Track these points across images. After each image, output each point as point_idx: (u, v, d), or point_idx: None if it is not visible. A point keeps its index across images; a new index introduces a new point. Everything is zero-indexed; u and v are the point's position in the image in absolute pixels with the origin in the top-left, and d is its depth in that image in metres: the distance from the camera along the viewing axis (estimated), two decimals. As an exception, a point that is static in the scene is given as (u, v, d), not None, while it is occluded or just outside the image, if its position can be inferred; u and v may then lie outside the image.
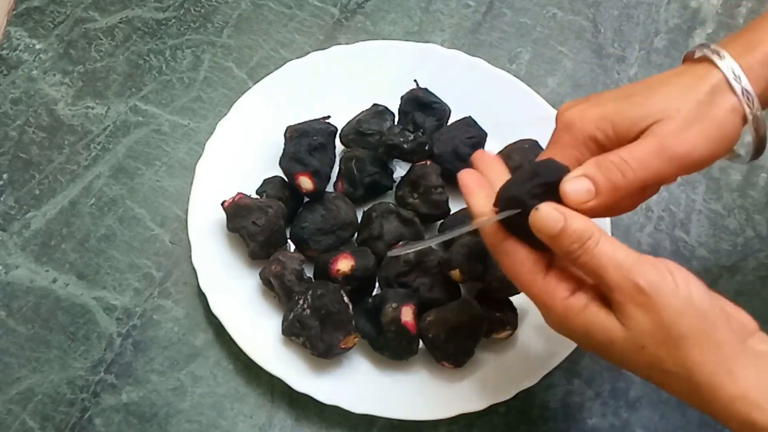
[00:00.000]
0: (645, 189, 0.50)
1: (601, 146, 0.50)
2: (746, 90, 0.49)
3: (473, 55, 0.73)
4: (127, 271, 0.65)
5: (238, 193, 0.63)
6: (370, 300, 0.61)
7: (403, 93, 0.68)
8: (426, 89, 0.68)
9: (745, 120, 0.50)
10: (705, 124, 0.48)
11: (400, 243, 0.61)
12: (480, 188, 0.51)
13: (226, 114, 0.69)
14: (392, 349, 0.59)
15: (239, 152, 0.67)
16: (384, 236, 0.62)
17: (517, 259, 0.47)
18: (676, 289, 0.43)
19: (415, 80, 0.69)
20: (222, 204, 0.62)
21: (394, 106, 0.68)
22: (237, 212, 0.62)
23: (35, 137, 0.70)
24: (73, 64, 0.74)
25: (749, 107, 0.49)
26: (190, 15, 0.77)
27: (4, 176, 0.68)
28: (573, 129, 0.50)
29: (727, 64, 0.49)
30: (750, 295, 0.66)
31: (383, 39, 0.75)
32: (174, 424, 0.60)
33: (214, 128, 0.68)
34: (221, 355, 0.62)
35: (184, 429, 0.59)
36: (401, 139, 0.65)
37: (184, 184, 0.67)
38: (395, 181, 0.67)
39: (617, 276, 0.44)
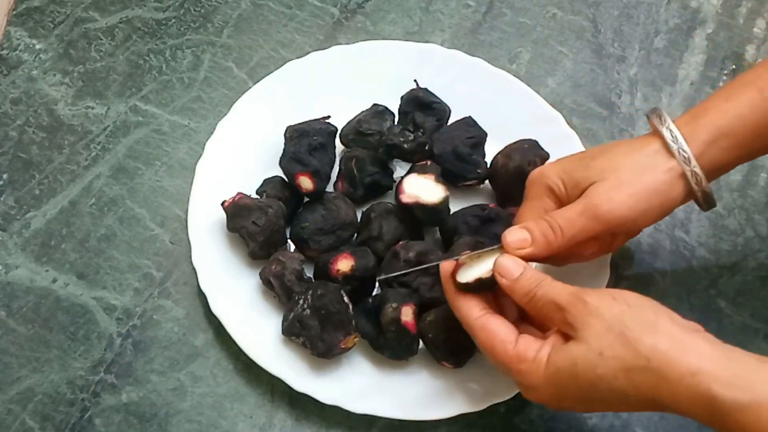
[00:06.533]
0: (600, 239, 0.57)
1: (559, 199, 0.57)
2: (683, 150, 0.55)
3: (473, 55, 0.73)
4: (127, 271, 0.65)
5: (238, 193, 0.63)
6: (370, 300, 0.61)
7: (403, 93, 0.68)
8: (426, 89, 0.68)
9: (686, 179, 0.55)
10: (636, 185, 0.55)
11: (400, 243, 0.61)
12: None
13: (226, 114, 0.69)
14: (392, 349, 0.59)
15: (239, 152, 0.67)
16: (384, 236, 0.62)
17: (491, 331, 0.53)
18: (614, 300, 0.50)
19: (415, 80, 0.69)
20: (222, 204, 0.62)
21: (394, 106, 0.68)
22: (237, 212, 0.62)
23: (35, 137, 0.70)
24: (73, 64, 0.74)
25: (686, 164, 0.55)
26: (190, 15, 0.77)
27: (4, 176, 0.68)
28: (536, 183, 0.59)
29: (667, 127, 0.56)
30: (750, 295, 0.66)
31: (383, 39, 0.75)
32: (174, 424, 0.60)
33: (214, 128, 0.68)
34: (221, 355, 0.62)
35: (184, 429, 0.59)
36: (401, 139, 0.65)
37: (184, 184, 0.67)
38: (395, 181, 0.67)
39: (568, 297, 0.50)
